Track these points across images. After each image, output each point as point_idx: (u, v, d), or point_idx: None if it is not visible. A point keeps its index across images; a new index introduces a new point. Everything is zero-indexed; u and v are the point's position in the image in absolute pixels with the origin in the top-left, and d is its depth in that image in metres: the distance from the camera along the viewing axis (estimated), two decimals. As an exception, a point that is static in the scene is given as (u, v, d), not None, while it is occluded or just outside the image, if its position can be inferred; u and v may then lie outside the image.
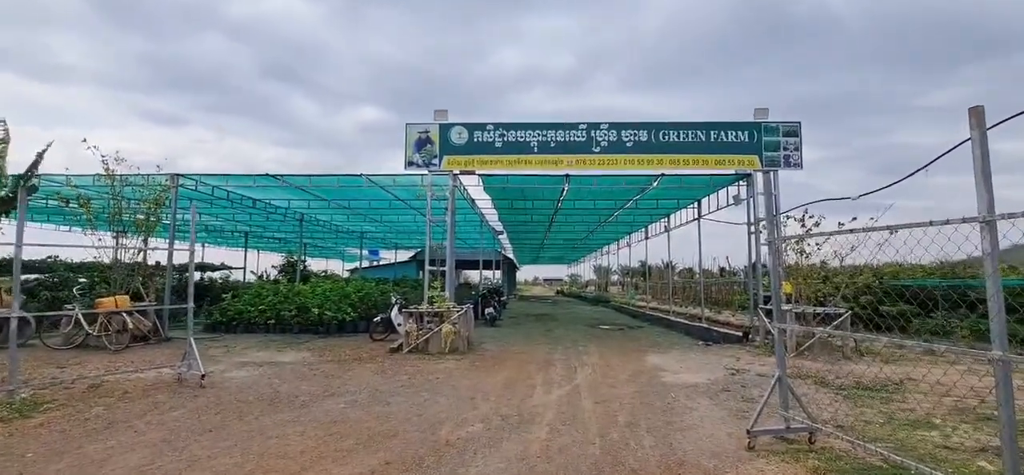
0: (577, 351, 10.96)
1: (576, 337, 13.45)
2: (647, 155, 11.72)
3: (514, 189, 14.25)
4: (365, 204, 16.30)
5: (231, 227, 23.79)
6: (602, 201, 16.13)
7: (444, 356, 9.91)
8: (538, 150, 11.85)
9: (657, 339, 12.98)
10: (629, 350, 11.12)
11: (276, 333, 13.64)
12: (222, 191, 14.26)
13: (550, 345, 11.83)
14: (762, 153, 11.63)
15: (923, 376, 7.74)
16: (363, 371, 8.55)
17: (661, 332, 14.71)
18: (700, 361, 9.59)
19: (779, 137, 11.67)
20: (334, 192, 14.63)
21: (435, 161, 11.95)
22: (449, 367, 8.92)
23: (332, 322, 14.00)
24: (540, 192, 14.67)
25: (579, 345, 11.93)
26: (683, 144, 11.72)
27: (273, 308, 14.19)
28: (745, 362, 9.43)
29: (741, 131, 11.70)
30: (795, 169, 11.63)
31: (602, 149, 11.79)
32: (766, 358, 9.81)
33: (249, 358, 9.79)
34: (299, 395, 6.85)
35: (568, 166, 11.83)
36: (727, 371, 8.54)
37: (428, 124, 11.99)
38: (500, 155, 11.89)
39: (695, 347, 11.45)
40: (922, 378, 7.67)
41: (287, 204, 16.41)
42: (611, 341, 12.73)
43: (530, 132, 11.89)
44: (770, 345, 10.74)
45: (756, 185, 11.75)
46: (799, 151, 11.64)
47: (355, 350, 10.79)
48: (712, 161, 11.68)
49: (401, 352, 10.23)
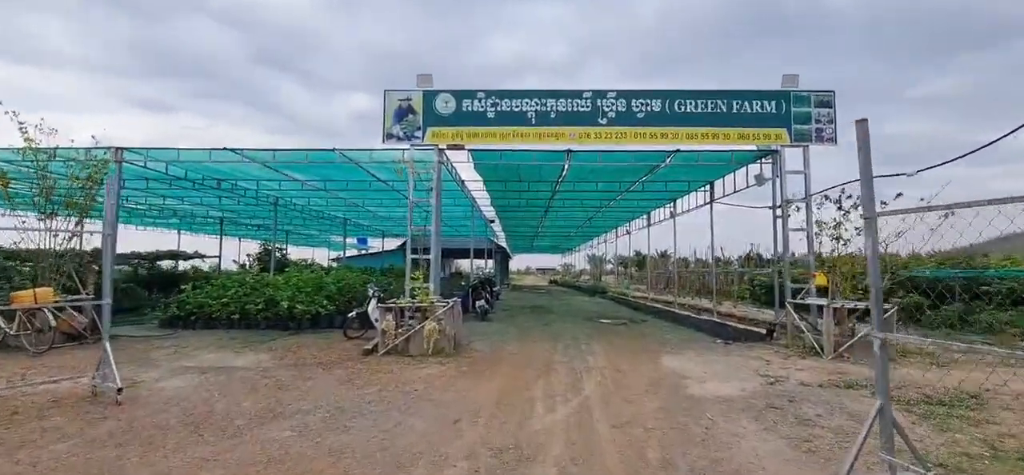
0: (580, 351, 9.56)
1: (577, 333, 12.06)
2: (660, 128, 10.27)
3: (508, 168, 12.76)
4: (342, 185, 14.73)
5: (202, 212, 22.10)
6: (605, 183, 14.67)
7: (426, 359, 8.47)
8: (536, 121, 10.36)
9: (667, 336, 11.61)
10: (639, 350, 9.74)
11: (241, 329, 12.13)
12: (180, 168, 12.64)
13: (549, 343, 10.42)
14: (791, 125, 10.22)
15: (999, 385, 6.43)
16: (326, 379, 7.09)
17: (669, 327, 13.35)
18: (724, 364, 8.22)
19: (810, 108, 10.25)
20: (304, 169, 13.05)
21: (418, 134, 10.44)
22: (431, 374, 7.48)
23: (304, 317, 12.51)
24: (537, 172, 13.18)
25: (581, 343, 10.53)
26: (701, 115, 10.29)
27: (237, 301, 12.67)
28: (777, 366, 8.07)
29: (767, 101, 10.27)
30: (829, 144, 10.24)
31: (609, 121, 10.32)
32: (800, 361, 8.46)
33: (196, 362, 8.30)
34: (236, 416, 5.38)
35: (570, 140, 10.36)
36: (762, 379, 7.16)
37: (410, 91, 10.46)
38: (492, 127, 10.40)
39: (713, 346, 10.09)
40: (999, 388, 6.36)
41: (256, 186, 14.80)
42: (616, 338, 11.34)
43: (527, 101, 10.39)
44: (802, 345, 9.40)
45: (782, 162, 10.34)
46: (833, 124, 10.24)
47: (324, 351, 9.32)
48: (734, 135, 10.26)
49: (376, 354, 8.77)
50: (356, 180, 14.23)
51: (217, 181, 14.38)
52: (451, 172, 12.98)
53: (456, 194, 16.24)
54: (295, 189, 15.26)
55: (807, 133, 10.20)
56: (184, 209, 21.57)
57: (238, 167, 12.77)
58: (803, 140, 10.19)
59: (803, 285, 10.23)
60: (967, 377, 6.93)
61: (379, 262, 38.25)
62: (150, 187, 14.67)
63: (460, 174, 14.58)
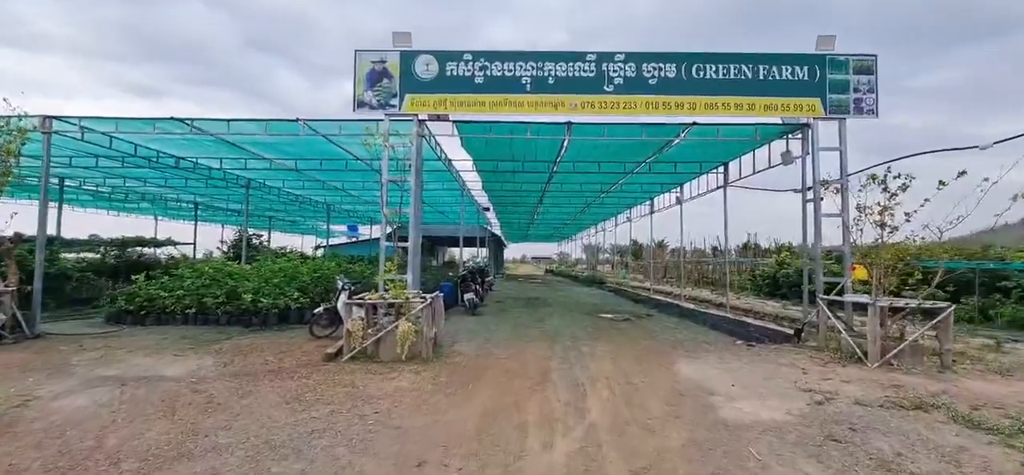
0: (581, 354, 8.23)
1: (576, 331, 10.72)
2: (675, 97, 8.87)
3: (500, 144, 11.34)
4: (316, 165, 13.25)
5: (173, 196, 20.58)
6: (607, 164, 13.26)
7: (398, 366, 7.11)
8: (532, 88, 8.93)
9: (677, 335, 10.29)
10: (649, 353, 8.41)
11: (196, 325, 10.74)
12: (127, 144, 11.15)
13: (545, 345, 9.08)
14: (826, 95, 8.84)
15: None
16: (269, 396, 5.72)
17: (677, 324, 12.03)
18: (755, 375, 6.90)
19: (849, 74, 8.87)
20: (270, 146, 11.58)
21: (394, 102, 8.99)
22: (401, 387, 6.12)
23: (270, 311, 11.13)
24: (533, 149, 11.75)
25: (582, 343, 9.20)
26: (722, 82, 8.88)
27: (194, 294, 11.25)
28: (818, 376, 6.76)
29: (799, 66, 8.87)
30: (868, 117, 8.87)
31: (616, 88, 8.91)
32: (842, 369, 7.15)
33: (120, 370, 6.90)
34: (129, 455, 4.02)
35: (571, 110, 8.94)
36: (807, 396, 5.84)
37: (384, 51, 8.99)
38: (481, 94, 8.96)
39: (733, 349, 8.77)
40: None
41: (219, 164, 13.30)
42: (621, 337, 10.01)
43: (522, 64, 8.95)
44: (838, 349, 8.09)
45: (815, 138, 8.96)
46: (874, 94, 8.86)
47: (281, 353, 7.95)
48: (760, 106, 8.87)
49: (340, 359, 7.41)
50: (331, 159, 12.77)
51: (175, 159, 12.88)
52: (435, 149, 11.54)
53: (444, 176, 14.81)
54: (263, 168, 13.77)
55: (844, 104, 8.82)
56: (154, 192, 20.07)
57: (195, 142, 11.30)
58: (840, 112, 8.82)
59: (837, 279, 8.90)
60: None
61: (368, 250, 36.85)
62: (102, 166, 13.15)
63: (447, 152, 13.16)
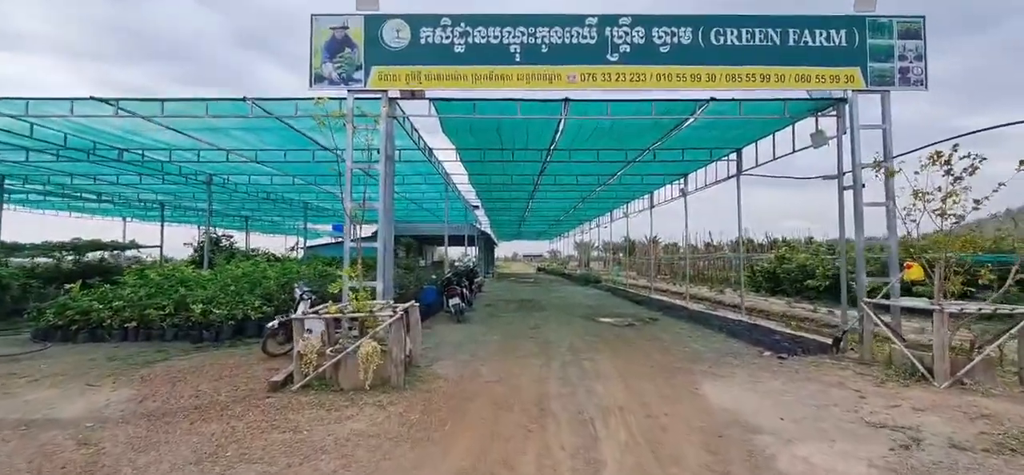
0: (584, 373, 6.87)
1: (576, 342, 9.36)
2: (691, 67, 7.53)
3: (485, 127, 9.94)
4: (279, 155, 11.76)
5: (134, 195, 18.94)
6: (607, 152, 11.86)
7: (360, 397, 5.70)
8: (523, 58, 7.54)
9: (692, 344, 8.96)
10: (665, 370, 7.07)
11: (138, 342, 9.26)
12: (53, 132, 9.61)
13: (541, 361, 7.71)
14: (866, 63, 7.55)
15: None
16: (180, 449, 4.30)
17: (688, 329, 10.71)
18: (802, 401, 5.58)
19: (892, 39, 7.59)
20: (219, 132, 10.07)
21: (358, 76, 7.56)
22: (358, 431, 4.72)
23: (225, 323, 9.65)
24: (524, 132, 10.34)
25: (584, 358, 7.84)
26: (746, 50, 7.56)
27: (135, 305, 9.74)
28: (880, 402, 5.46)
29: (835, 30, 7.57)
30: (916, 88, 7.59)
31: (622, 57, 7.55)
32: (904, 390, 5.86)
33: (4, 409, 5.42)
34: None
35: (568, 84, 7.56)
36: (886, 437, 4.51)
37: (345, 15, 7.55)
38: (462, 66, 7.55)
39: (762, 362, 7.47)
40: None
41: (168, 156, 11.76)
42: (628, 349, 8.67)
43: (510, 30, 7.56)
44: (889, 361, 6.81)
45: (855, 113, 7.66)
46: (922, 61, 7.59)
47: (220, 379, 6.51)
48: (790, 77, 7.55)
49: (290, 388, 5.99)
50: (297, 148, 11.29)
51: (119, 151, 11.33)
52: (412, 134, 10.10)
53: (426, 168, 13.39)
54: (221, 161, 12.23)
55: (888, 74, 7.54)
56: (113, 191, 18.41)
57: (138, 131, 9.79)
58: (883, 83, 7.53)
59: (883, 279, 7.62)
60: None
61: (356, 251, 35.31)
62: (36, 161, 11.58)
63: (428, 141, 11.73)
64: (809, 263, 26.88)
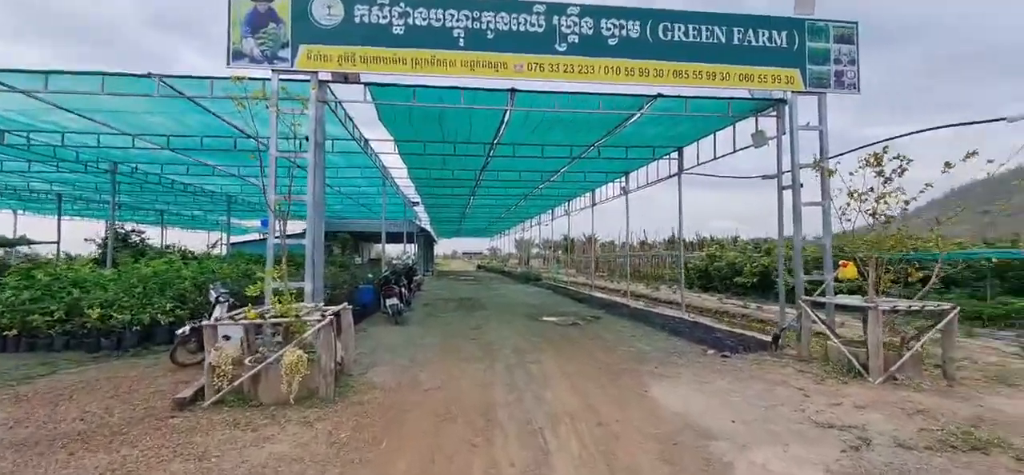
0: (530, 377, 6.54)
1: (520, 342, 9.04)
2: (639, 62, 7.37)
3: (428, 119, 9.40)
4: (195, 142, 10.62)
5: (20, 183, 16.72)
6: (552, 148, 11.63)
7: (284, 413, 5.06)
8: (467, 44, 7.09)
9: (637, 344, 8.88)
10: (612, 371, 6.88)
11: (19, 353, 8.05)
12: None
13: (484, 364, 7.31)
14: (805, 66, 7.71)
15: None
16: (44, 492, 3.53)
17: (631, 329, 10.66)
18: (750, 401, 5.52)
19: (829, 43, 7.79)
20: (121, 116, 8.91)
21: (284, 54, 6.83)
22: (280, 452, 4.12)
23: (129, 329, 8.54)
24: (467, 124, 9.88)
25: (529, 360, 7.53)
26: (693, 47, 7.51)
27: (16, 310, 8.42)
28: (825, 401, 5.49)
29: (776, 31, 7.68)
30: (850, 92, 7.84)
31: (570, 47, 7.27)
32: (843, 387, 5.96)
33: None
34: None
35: (515, 74, 7.19)
36: (835, 438, 4.48)
37: (270, -15, 6.79)
38: (401, 49, 7.00)
39: (707, 361, 7.46)
40: None
41: (61, 140, 10.30)
42: (573, 349, 8.45)
43: (453, 12, 7.08)
44: (825, 358, 6.98)
45: (794, 114, 7.81)
46: (855, 66, 7.85)
47: (115, 398, 5.63)
48: (735, 76, 7.57)
49: (199, 405, 5.24)
50: (216, 135, 10.24)
51: (-2, 132, 9.80)
52: (346, 123, 9.38)
53: (361, 160, 12.62)
54: (125, 147, 10.89)
55: (825, 77, 7.74)
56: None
57: (26, 110, 8.46)
58: (820, 85, 7.72)
59: (818, 278, 7.81)
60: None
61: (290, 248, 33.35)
62: None
63: (364, 132, 11.01)
64: (738, 261, 28.18)
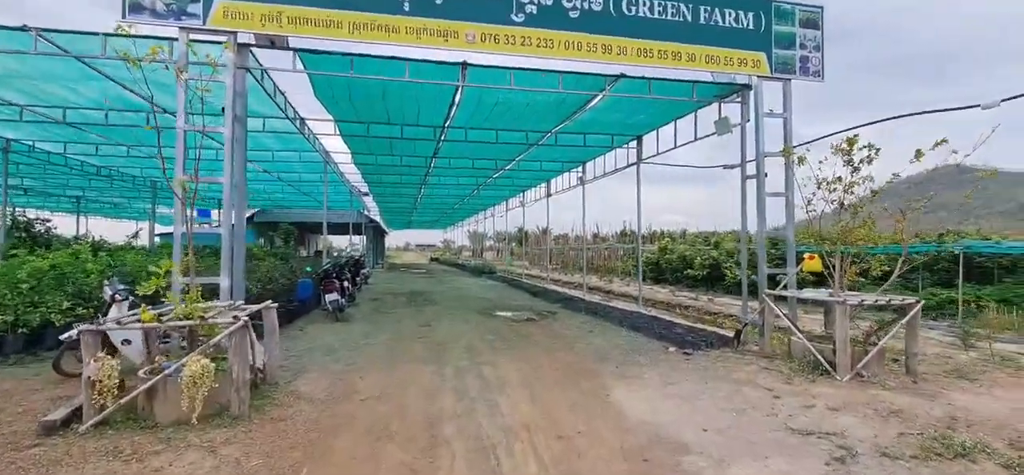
0: (484, 382, 5.89)
1: (473, 341, 8.38)
2: (602, 37, 6.81)
3: (370, 94, 8.53)
4: (99, 116, 9.27)
5: None
6: (508, 133, 10.94)
7: (183, 437, 4.18)
8: (413, 8, 6.30)
9: (596, 340, 8.41)
10: (572, 373, 6.33)
11: None
12: None
13: (433, 367, 6.60)
14: (771, 50, 7.39)
15: None
16: None
17: (589, 324, 10.19)
18: (719, 405, 5.09)
19: (795, 27, 7.50)
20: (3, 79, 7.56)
21: (195, 9, 5.83)
22: (162, 496, 3.29)
23: (11, 332, 7.29)
24: (414, 105, 9.05)
25: (482, 361, 6.88)
26: (657, 24, 7.02)
27: None
28: (797, 403, 5.14)
29: (743, 11, 7.30)
30: (814, 79, 7.59)
31: (528, 18, 6.62)
32: (812, 386, 5.65)
33: None
34: None
35: (467, 44, 6.47)
36: (816, 448, 4.08)
37: (176, -73, 5.76)
38: (337, 11, 6.14)
39: (669, 359, 7.05)
40: None
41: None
42: (531, 348, 7.87)
43: (396, -28, 6.26)
44: (788, 354, 6.71)
45: (759, 100, 7.49)
46: (820, 53, 7.60)
47: (-33, 421, 4.56)
48: (701, 57, 7.15)
49: (75, 429, 4.27)
50: (124, 110, 8.95)
51: None
52: (276, 97, 8.37)
53: (297, 141, 11.53)
54: (12, 119, 9.36)
55: (790, 62, 7.45)
56: None
57: None
58: (786, 71, 7.43)
59: (780, 271, 7.54)
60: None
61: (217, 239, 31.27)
62: None
63: (302, 112, 9.96)
64: (689, 254, 28.63)
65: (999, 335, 8.60)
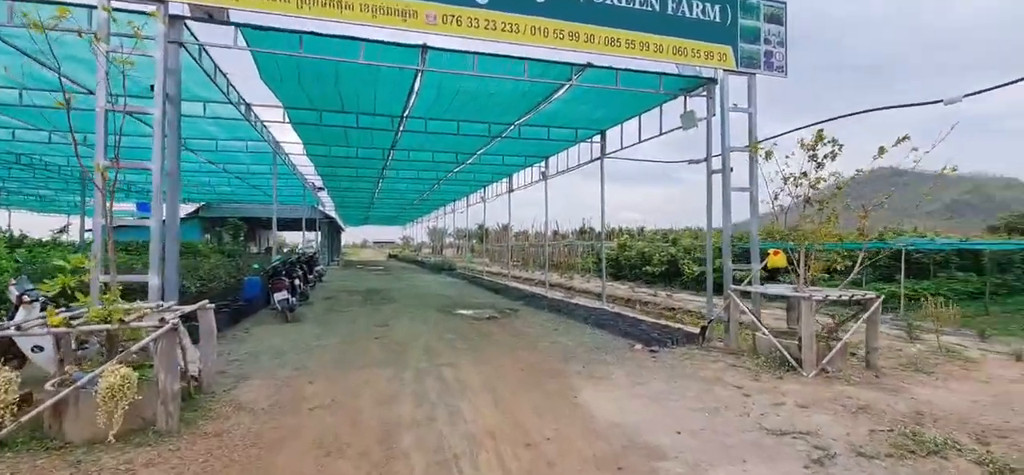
0: (445, 385, 5.53)
1: (432, 341, 7.98)
2: (570, 24, 6.55)
3: (321, 75, 7.97)
4: (11, 97, 8.27)
5: None
6: (470, 125, 10.52)
7: (97, 458, 3.64)
8: (367, -16, 5.83)
9: (560, 338, 8.17)
10: (537, 373, 6.06)
11: None
12: None
13: (390, 372, 6.17)
14: (737, 43, 7.32)
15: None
16: None
17: (553, 322, 9.96)
18: (690, 404, 4.93)
19: (759, 21, 7.47)
20: None
21: (119, -27, 5.17)
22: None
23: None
24: (371, 89, 8.54)
25: (443, 362, 6.51)
26: (626, 12, 6.82)
27: None
28: (767, 401, 5.04)
29: (710, 4, 7.19)
30: (778, 74, 7.59)
31: (493, 1, 6.26)
32: (781, 383, 5.58)
33: None
34: None
35: (427, 25, 6.06)
36: (792, 450, 3.95)
37: None
38: (283, -17, 5.60)
39: (635, 357, 6.88)
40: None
41: None
42: (492, 348, 7.55)
43: (350, -56, 5.78)
44: (754, 350, 6.66)
45: (725, 94, 7.42)
46: (784, 48, 7.60)
47: None
48: (668, 47, 6.99)
49: (-39, 454, 3.65)
50: (41, 90, 8.04)
51: None
52: (215, 78, 7.69)
53: (243, 130, 10.77)
54: None
55: (755, 57, 7.41)
56: None
57: None
58: (751, 65, 7.38)
59: (745, 267, 7.51)
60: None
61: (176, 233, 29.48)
62: None
63: (247, 97, 9.26)
64: (647, 251, 29.04)
65: (944, 328, 8.93)
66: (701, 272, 24.67)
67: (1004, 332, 10.43)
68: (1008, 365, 6.56)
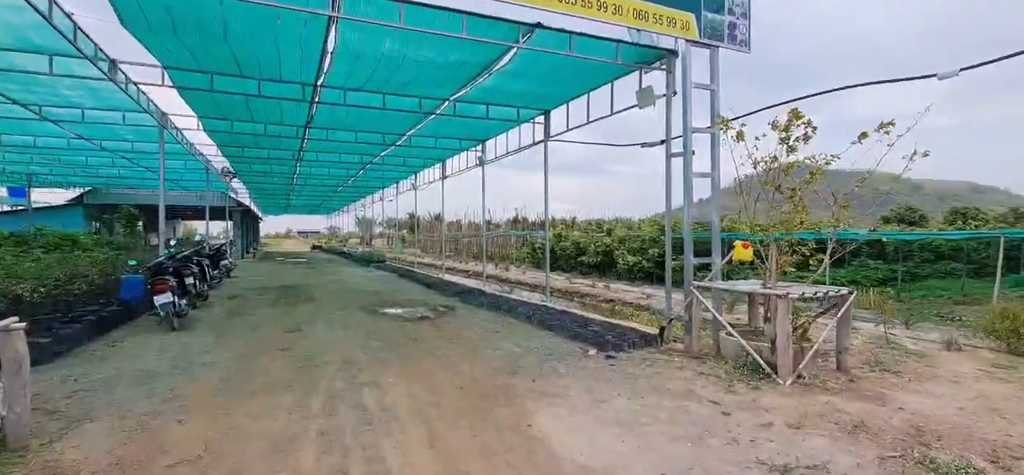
0: (364, 413, 4.35)
1: (354, 353, 6.69)
2: (514, -25, 5.45)
3: (204, 23, 6.37)
4: None
5: None
6: (397, 99, 9.14)
7: None
8: None
9: (505, 344, 7.15)
10: (481, 396, 5.00)
11: None
12: None
13: (295, 398, 4.87)
14: (701, 11, 6.56)
15: None
16: None
17: (494, 322, 8.92)
18: (674, 436, 4.08)
19: (724, -10, 6.74)
20: None
21: None
22: None
23: None
24: (272, 49, 7.00)
25: (365, 384, 5.28)
26: (581, -34, 5.81)
27: None
28: (752, 422, 4.29)
29: (673, -35, 6.36)
30: (742, 49, 6.93)
31: (423, -65, 5.04)
32: (760, 395, 4.88)
33: None
34: None
35: (340, -40, 4.73)
36: (809, 493, 3.16)
37: None
38: None
39: (590, 365, 6.01)
40: None
41: None
42: (427, 360, 6.38)
43: None
44: (720, 355, 5.99)
45: (685, 69, 6.65)
46: (748, 21, 6.94)
47: None
48: (629, 10, 6.09)
49: None
50: None
51: None
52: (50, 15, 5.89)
53: (119, 99, 8.81)
54: None
55: (719, 27, 6.70)
56: None
57: None
58: (714, 37, 6.66)
59: (706, 260, 6.83)
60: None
61: (49, 219, 25.59)
62: None
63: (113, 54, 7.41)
64: (583, 241, 28.78)
65: (866, 315, 8.81)
66: (635, 263, 24.81)
67: (920, 318, 10.73)
68: (959, 359, 6.30)
